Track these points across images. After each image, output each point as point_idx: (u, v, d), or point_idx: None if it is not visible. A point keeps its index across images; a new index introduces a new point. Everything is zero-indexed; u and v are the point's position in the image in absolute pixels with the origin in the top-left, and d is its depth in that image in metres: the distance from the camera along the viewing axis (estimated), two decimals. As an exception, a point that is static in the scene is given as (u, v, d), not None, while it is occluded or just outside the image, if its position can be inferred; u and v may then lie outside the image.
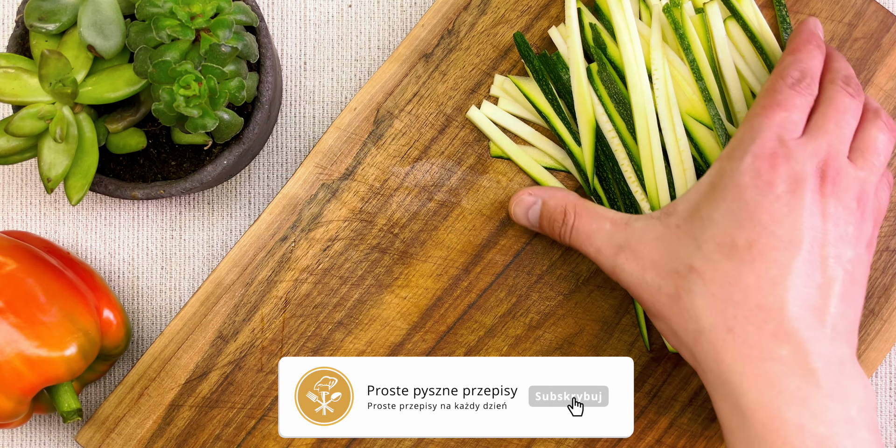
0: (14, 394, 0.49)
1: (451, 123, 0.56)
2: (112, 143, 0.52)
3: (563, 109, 0.54)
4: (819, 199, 0.46)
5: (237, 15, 0.48)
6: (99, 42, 0.48)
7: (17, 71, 0.49)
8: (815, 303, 0.45)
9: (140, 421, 0.55)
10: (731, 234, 0.45)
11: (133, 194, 0.51)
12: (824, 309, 0.45)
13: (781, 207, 0.45)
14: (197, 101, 0.46)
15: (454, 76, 0.56)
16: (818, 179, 0.46)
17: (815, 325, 0.44)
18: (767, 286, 0.44)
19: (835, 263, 0.45)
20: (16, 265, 0.50)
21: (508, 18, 0.56)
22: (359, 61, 0.59)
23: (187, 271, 0.58)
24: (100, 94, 0.49)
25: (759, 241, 0.45)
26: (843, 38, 0.56)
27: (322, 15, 0.59)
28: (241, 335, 0.55)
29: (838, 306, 0.45)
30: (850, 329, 0.46)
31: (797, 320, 0.44)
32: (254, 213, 0.58)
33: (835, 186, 0.46)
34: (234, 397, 0.55)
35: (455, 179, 0.56)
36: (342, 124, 0.56)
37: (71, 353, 0.49)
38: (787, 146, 0.46)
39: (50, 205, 0.58)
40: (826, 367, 0.44)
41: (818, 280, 0.45)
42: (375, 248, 0.55)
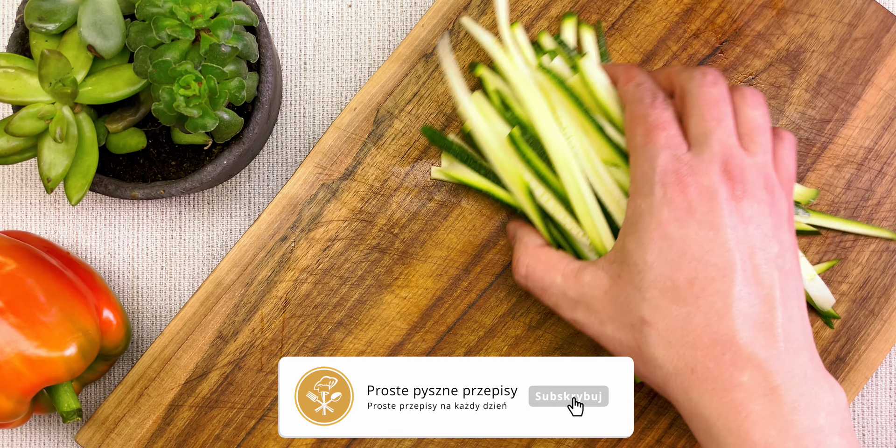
0: (14, 394, 0.49)
1: (451, 123, 0.56)
2: (112, 143, 0.52)
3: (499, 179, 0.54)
4: (735, 207, 0.46)
5: (237, 15, 0.48)
6: (99, 42, 0.48)
7: (16, 71, 0.49)
8: (764, 319, 0.45)
9: (140, 421, 0.55)
10: (670, 277, 0.46)
11: (133, 194, 0.51)
12: (773, 322, 0.45)
13: (707, 233, 0.46)
14: (197, 101, 0.46)
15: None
16: (727, 184, 0.46)
17: (768, 343, 0.45)
18: (716, 321, 0.45)
19: (767, 267, 0.46)
20: (16, 265, 0.50)
21: (508, 18, 0.56)
22: (359, 61, 0.59)
23: (187, 271, 0.58)
24: (100, 93, 0.49)
25: (697, 276, 0.46)
26: (843, 38, 0.56)
27: (322, 15, 0.59)
28: (240, 335, 0.55)
29: (783, 312, 0.46)
30: (801, 331, 0.46)
31: (751, 344, 0.45)
32: (254, 213, 0.58)
33: (744, 185, 0.47)
34: (234, 397, 0.55)
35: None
36: (342, 124, 0.56)
37: (71, 353, 0.49)
38: (685, 161, 0.47)
39: (50, 205, 0.58)
40: (788, 381, 0.44)
41: (759, 293, 0.46)
42: (375, 248, 0.55)
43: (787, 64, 0.56)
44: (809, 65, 0.56)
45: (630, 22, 0.56)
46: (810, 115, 0.56)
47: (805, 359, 0.45)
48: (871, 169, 0.56)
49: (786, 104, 0.56)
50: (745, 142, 0.48)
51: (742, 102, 0.49)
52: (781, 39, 0.56)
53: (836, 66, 0.56)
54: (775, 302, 0.46)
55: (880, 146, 0.56)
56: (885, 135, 0.56)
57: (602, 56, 0.56)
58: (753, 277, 0.46)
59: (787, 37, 0.56)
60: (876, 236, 0.55)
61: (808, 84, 0.56)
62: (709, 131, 0.48)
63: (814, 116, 0.56)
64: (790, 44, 0.56)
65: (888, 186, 0.56)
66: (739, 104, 0.49)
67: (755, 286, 0.46)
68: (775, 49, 0.56)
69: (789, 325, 0.46)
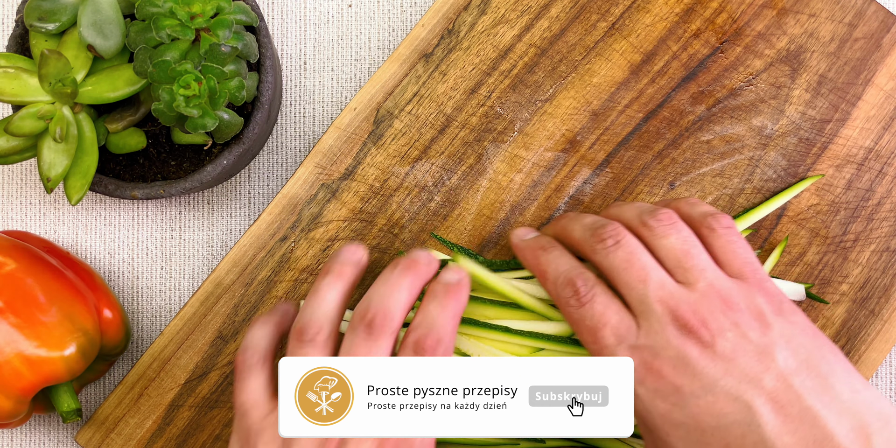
0: (13, 394, 0.49)
1: (451, 123, 0.56)
2: (112, 143, 0.52)
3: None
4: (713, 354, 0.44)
5: (237, 15, 0.48)
6: (99, 42, 0.48)
7: (16, 71, 0.49)
8: (815, 437, 0.43)
9: (140, 421, 0.55)
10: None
11: (133, 194, 0.51)
12: (825, 432, 0.43)
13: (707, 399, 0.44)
14: (197, 101, 0.46)
15: (454, 76, 0.56)
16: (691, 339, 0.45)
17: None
18: None
19: (785, 384, 0.44)
20: (15, 265, 0.50)
21: (508, 18, 0.56)
22: (359, 61, 0.59)
23: (187, 271, 0.58)
24: (99, 93, 0.49)
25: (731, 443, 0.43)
26: (843, 38, 0.56)
27: (322, 15, 0.59)
28: (240, 335, 0.55)
29: (830, 411, 0.43)
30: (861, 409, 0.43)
31: None
32: (254, 213, 0.58)
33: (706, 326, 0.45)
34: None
35: (455, 179, 0.56)
36: (342, 124, 0.56)
37: (70, 353, 0.49)
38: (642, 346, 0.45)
39: (49, 205, 0.58)
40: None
41: (794, 413, 0.43)
42: (375, 248, 0.55)
43: (787, 64, 0.56)
44: (810, 65, 0.56)
45: (630, 22, 0.56)
46: (810, 115, 0.56)
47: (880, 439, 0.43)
48: (872, 169, 0.56)
49: (786, 104, 0.56)
50: (679, 275, 0.47)
51: (652, 237, 0.48)
52: (782, 39, 0.56)
53: (836, 67, 0.56)
54: (814, 410, 0.43)
55: (881, 146, 0.56)
56: (885, 135, 0.56)
57: None
58: (776, 404, 0.43)
59: (788, 37, 0.56)
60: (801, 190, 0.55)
61: (809, 84, 0.56)
62: (642, 295, 0.46)
63: (814, 116, 0.56)
64: (790, 44, 0.56)
65: (888, 186, 0.56)
66: (650, 240, 0.48)
67: (785, 410, 0.43)
68: (775, 49, 0.56)
69: (844, 418, 0.43)
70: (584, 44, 0.56)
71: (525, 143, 0.56)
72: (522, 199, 0.56)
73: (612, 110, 0.56)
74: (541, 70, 0.56)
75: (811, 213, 0.56)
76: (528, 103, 0.56)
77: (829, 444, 0.42)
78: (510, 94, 0.56)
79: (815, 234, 0.56)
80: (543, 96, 0.56)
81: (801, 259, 0.56)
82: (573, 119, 0.56)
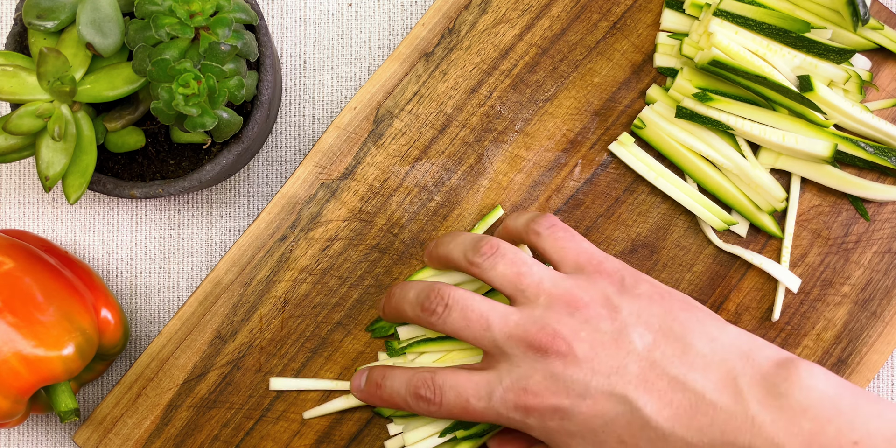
0: (11, 393, 0.49)
1: (451, 123, 0.56)
2: (110, 142, 0.52)
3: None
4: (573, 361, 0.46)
5: (236, 13, 0.48)
6: (98, 40, 0.48)
7: (15, 69, 0.49)
8: (689, 401, 0.45)
9: (138, 421, 0.54)
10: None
11: (131, 193, 0.51)
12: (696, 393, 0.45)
13: (587, 403, 0.46)
14: (196, 100, 0.46)
15: (455, 75, 0.56)
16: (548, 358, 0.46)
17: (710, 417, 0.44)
18: (665, 445, 0.45)
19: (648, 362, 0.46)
20: (13, 264, 0.50)
21: (509, 18, 0.56)
22: (359, 60, 0.58)
23: (186, 271, 0.58)
24: (98, 92, 0.49)
25: (622, 434, 0.45)
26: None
27: (322, 13, 0.59)
28: (239, 335, 0.55)
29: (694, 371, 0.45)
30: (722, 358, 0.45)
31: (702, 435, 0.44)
32: (253, 212, 0.58)
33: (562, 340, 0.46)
34: (233, 398, 0.55)
35: (455, 179, 0.56)
36: (342, 123, 0.55)
37: (68, 352, 0.49)
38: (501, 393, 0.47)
39: (48, 203, 0.58)
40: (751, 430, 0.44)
41: (664, 386, 0.45)
42: (375, 248, 0.55)
43: (789, 64, 0.56)
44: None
45: (632, 21, 0.56)
46: (812, 116, 0.56)
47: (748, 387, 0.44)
48: (873, 170, 0.56)
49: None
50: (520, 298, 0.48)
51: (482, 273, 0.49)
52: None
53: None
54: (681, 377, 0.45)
55: (883, 147, 0.56)
56: (887, 136, 0.56)
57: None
58: (646, 384, 0.45)
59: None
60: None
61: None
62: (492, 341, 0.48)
63: (816, 117, 0.56)
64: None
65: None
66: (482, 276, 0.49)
67: (655, 386, 0.45)
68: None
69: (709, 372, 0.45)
70: (586, 43, 0.56)
71: (526, 142, 0.56)
72: (523, 199, 0.56)
73: (614, 110, 0.56)
74: (542, 69, 0.56)
75: (813, 214, 0.56)
76: (529, 103, 0.56)
77: (702, 404, 0.44)
78: (511, 93, 0.56)
79: (816, 235, 0.55)
80: (544, 96, 0.56)
81: (803, 260, 0.55)
82: (574, 119, 0.56)
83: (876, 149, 0.54)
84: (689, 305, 0.48)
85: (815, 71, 0.53)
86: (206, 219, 0.58)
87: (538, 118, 0.56)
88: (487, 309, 0.48)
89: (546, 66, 0.56)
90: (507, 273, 0.48)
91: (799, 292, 0.55)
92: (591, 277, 0.48)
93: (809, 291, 0.55)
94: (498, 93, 0.56)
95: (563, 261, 0.49)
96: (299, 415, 0.55)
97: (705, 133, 0.54)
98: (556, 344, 0.46)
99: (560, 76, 0.56)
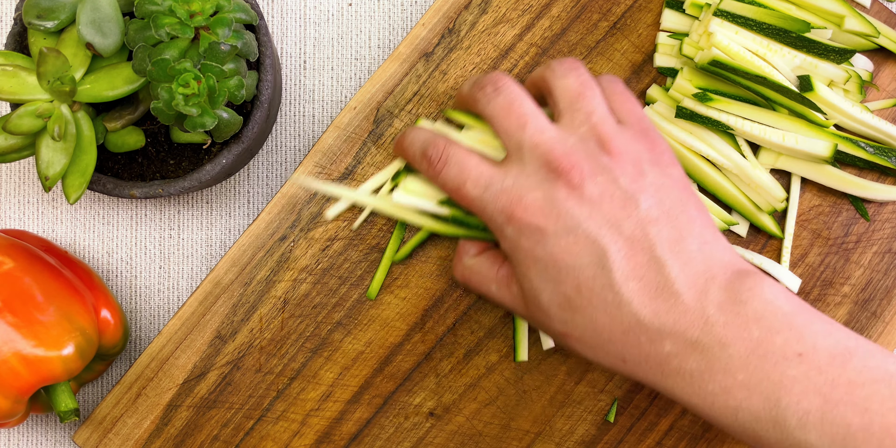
0: (11, 393, 0.49)
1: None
2: (110, 142, 0.52)
3: None
4: (580, 197, 0.46)
5: (236, 13, 0.48)
6: (98, 40, 0.48)
7: (15, 69, 0.49)
8: (657, 283, 0.45)
9: (137, 421, 0.54)
10: (560, 292, 0.46)
11: (131, 193, 0.51)
12: (667, 281, 0.45)
13: (567, 239, 0.46)
14: (196, 100, 0.46)
15: (455, 75, 0.56)
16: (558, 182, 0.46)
17: (671, 305, 0.45)
18: (617, 313, 0.45)
19: (640, 230, 0.46)
20: (13, 264, 0.50)
21: (509, 17, 0.56)
22: (359, 60, 0.58)
23: (186, 271, 0.58)
24: (98, 92, 0.49)
25: (580, 282, 0.46)
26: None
27: (322, 13, 0.59)
28: (239, 335, 0.55)
29: (676, 261, 0.45)
30: (701, 256, 0.45)
31: (655, 318, 0.45)
32: (253, 212, 0.58)
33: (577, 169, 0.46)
34: (233, 398, 0.55)
35: (455, 179, 0.55)
36: (342, 123, 0.55)
37: (68, 352, 0.49)
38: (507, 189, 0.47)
39: (48, 203, 0.58)
40: (703, 326, 0.44)
41: (642, 260, 0.45)
42: (375, 247, 0.55)
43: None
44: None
45: (632, 21, 0.56)
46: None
47: (715, 289, 0.45)
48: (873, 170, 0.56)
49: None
50: (566, 118, 0.48)
51: (552, 77, 0.49)
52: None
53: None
54: (662, 260, 0.45)
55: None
56: (887, 136, 0.56)
57: None
58: (630, 250, 0.45)
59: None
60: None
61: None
62: (519, 141, 0.48)
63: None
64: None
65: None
66: (550, 81, 0.49)
67: (636, 257, 0.45)
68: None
69: (687, 267, 0.45)
70: (586, 43, 0.56)
71: (526, 142, 0.56)
72: (523, 199, 0.56)
73: (614, 110, 0.56)
74: (542, 70, 0.56)
75: (813, 214, 0.56)
76: (529, 103, 0.56)
77: (668, 290, 0.45)
78: (511, 93, 0.56)
79: (816, 235, 0.55)
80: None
81: (803, 260, 0.55)
82: (574, 119, 0.56)
83: (876, 149, 0.54)
84: (700, 208, 0.47)
85: (816, 71, 0.53)
86: (206, 219, 0.58)
87: (538, 118, 0.56)
88: (531, 112, 0.48)
89: (546, 66, 0.56)
90: (574, 86, 0.48)
91: (799, 292, 0.55)
92: (635, 136, 0.48)
93: (809, 291, 0.55)
94: (498, 93, 0.56)
95: (618, 111, 0.49)
96: (299, 415, 0.55)
97: (705, 133, 0.54)
98: (572, 173, 0.46)
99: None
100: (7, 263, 0.50)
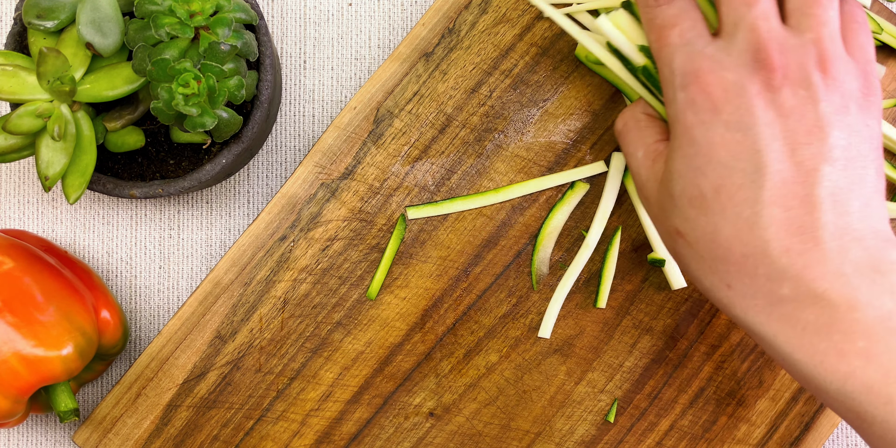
0: (11, 393, 0.49)
1: (451, 123, 0.56)
2: (110, 142, 0.52)
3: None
4: (771, 99, 0.42)
5: (236, 13, 0.48)
6: (97, 40, 0.48)
7: (14, 68, 0.49)
8: (802, 222, 0.41)
9: (137, 421, 0.54)
10: (697, 185, 0.43)
11: (131, 193, 0.51)
12: (814, 224, 0.41)
13: (734, 135, 0.42)
14: (196, 100, 0.46)
15: (455, 75, 0.56)
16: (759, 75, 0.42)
17: (806, 249, 0.41)
18: (745, 232, 0.42)
19: (813, 162, 0.42)
20: (13, 264, 0.50)
21: (510, 17, 0.56)
22: (359, 60, 0.58)
23: (185, 271, 0.58)
24: (98, 92, 0.49)
25: (724, 183, 0.42)
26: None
27: (322, 13, 0.59)
28: (239, 335, 0.55)
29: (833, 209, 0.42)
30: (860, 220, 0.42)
31: (785, 254, 0.41)
32: (253, 212, 0.58)
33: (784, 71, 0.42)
34: (232, 398, 0.55)
35: (455, 179, 0.55)
36: (342, 123, 0.55)
37: (68, 352, 0.49)
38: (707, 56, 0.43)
39: (48, 203, 0.58)
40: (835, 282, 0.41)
41: (798, 193, 0.42)
42: (375, 248, 0.55)
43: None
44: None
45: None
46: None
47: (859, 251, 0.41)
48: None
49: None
50: (794, 19, 0.43)
51: None
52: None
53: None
54: (819, 200, 0.41)
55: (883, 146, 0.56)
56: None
57: None
58: (792, 176, 0.41)
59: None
60: None
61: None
62: (739, 18, 0.43)
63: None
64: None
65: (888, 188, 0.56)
66: None
67: (794, 186, 0.41)
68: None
69: (840, 219, 0.41)
70: (586, 43, 0.56)
71: (526, 142, 0.56)
72: (523, 199, 0.56)
73: (614, 110, 0.56)
74: (542, 69, 0.56)
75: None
76: (530, 103, 0.56)
77: (810, 233, 0.41)
78: (511, 93, 0.56)
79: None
80: (545, 96, 0.56)
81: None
82: (575, 119, 0.56)
83: None
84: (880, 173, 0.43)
85: None
86: (206, 219, 0.58)
87: (538, 118, 0.56)
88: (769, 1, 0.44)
89: (546, 66, 0.56)
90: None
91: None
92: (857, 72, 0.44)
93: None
94: (498, 93, 0.56)
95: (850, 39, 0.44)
96: (299, 415, 0.55)
97: None
98: (776, 73, 0.42)
99: (560, 76, 0.56)
100: (7, 263, 0.50)
